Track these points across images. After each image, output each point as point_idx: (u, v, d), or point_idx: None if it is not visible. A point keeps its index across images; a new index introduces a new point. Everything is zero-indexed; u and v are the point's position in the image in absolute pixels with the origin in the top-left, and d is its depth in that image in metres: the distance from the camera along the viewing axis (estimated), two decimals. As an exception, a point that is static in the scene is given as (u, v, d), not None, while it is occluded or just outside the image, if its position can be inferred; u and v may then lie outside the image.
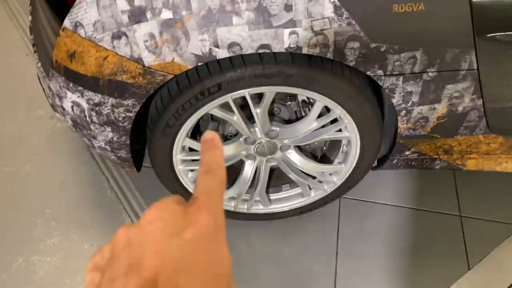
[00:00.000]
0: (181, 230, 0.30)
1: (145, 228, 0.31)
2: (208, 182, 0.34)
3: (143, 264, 0.28)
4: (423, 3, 1.01)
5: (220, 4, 0.98)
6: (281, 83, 1.11)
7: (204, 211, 0.31)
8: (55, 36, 1.14)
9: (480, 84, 1.15)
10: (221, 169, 0.35)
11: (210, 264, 0.30)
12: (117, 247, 0.31)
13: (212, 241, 0.31)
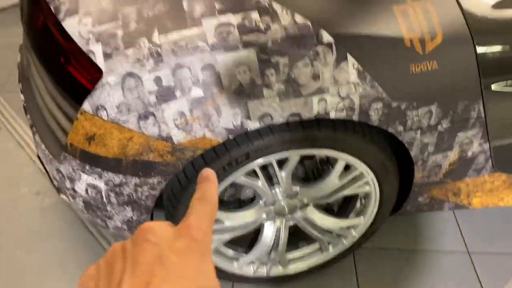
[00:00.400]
0: (172, 244, 0.33)
1: (139, 242, 0.33)
2: (200, 207, 0.37)
3: (135, 273, 0.31)
4: (435, 61, 1.07)
5: (251, 78, 0.99)
6: (307, 146, 1.13)
7: (194, 229, 0.34)
8: (69, 119, 1.10)
9: (487, 129, 1.22)
10: (214, 198, 0.38)
11: (197, 277, 0.32)
12: (112, 258, 0.33)
13: (199, 257, 0.33)
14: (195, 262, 0.33)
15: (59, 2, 1.08)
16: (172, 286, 0.31)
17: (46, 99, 1.22)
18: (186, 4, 1.02)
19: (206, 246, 0.34)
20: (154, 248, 0.33)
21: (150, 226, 0.34)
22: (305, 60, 1.00)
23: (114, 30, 1.00)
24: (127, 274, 0.32)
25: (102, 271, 0.33)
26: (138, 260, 0.32)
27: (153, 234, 0.34)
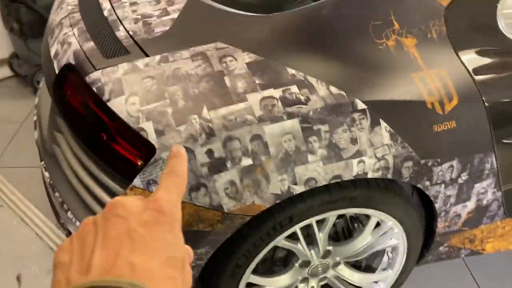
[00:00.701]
0: (140, 217, 0.35)
1: (108, 216, 0.35)
2: (169, 182, 0.39)
3: (106, 245, 0.33)
4: (454, 120, 1.18)
5: (296, 146, 1.06)
6: (345, 206, 1.19)
7: (162, 202, 0.36)
8: (112, 195, 1.13)
9: (499, 179, 1.33)
10: (183, 172, 0.40)
11: (165, 247, 0.34)
12: (84, 232, 0.35)
13: (167, 228, 0.35)
14: (163, 234, 0.35)
15: (102, 83, 1.13)
16: (140, 256, 0.32)
17: (82, 175, 1.24)
18: (228, 81, 1.10)
19: (174, 217, 0.36)
20: (123, 222, 0.34)
21: (119, 200, 0.36)
22: (344, 126, 1.08)
23: (163, 108, 1.06)
24: (98, 247, 0.33)
25: (75, 245, 0.35)
26: (108, 234, 0.34)
27: (122, 208, 0.36)
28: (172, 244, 0.35)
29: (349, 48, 1.18)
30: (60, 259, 0.35)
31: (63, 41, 1.33)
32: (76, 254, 0.34)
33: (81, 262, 0.33)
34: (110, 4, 1.44)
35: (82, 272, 0.33)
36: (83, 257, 0.34)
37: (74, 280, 0.32)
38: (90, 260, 0.33)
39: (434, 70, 1.18)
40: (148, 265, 0.33)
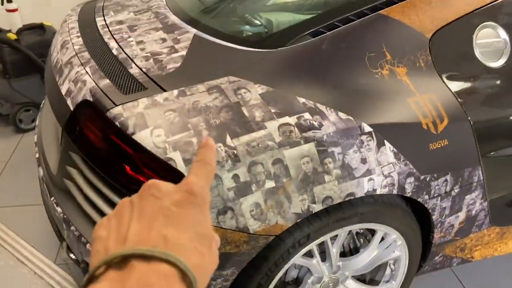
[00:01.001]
0: (172, 197, 0.38)
1: (144, 196, 0.39)
2: (199, 169, 0.42)
3: (141, 220, 0.36)
4: (446, 139, 1.32)
5: (313, 168, 1.15)
6: (356, 222, 1.28)
7: (193, 185, 0.39)
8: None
9: (485, 190, 1.47)
10: (212, 161, 0.43)
11: (195, 224, 0.37)
12: (121, 210, 0.39)
13: (197, 209, 0.38)
14: (193, 213, 0.37)
15: (124, 118, 1.19)
16: (172, 231, 0.35)
17: (103, 208, 1.28)
18: (246, 111, 1.19)
19: (203, 200, 0.39)
20: (157, 201, 0.38)
21: (154, 182, 0.40)
22: (354, 148, 1.19)
23: (189, 139, 1.13)
24: (134, 221, 0.36)
25: (112, 221, 0.38)
26: (143, 210, 0.37)
27: (156, 189, 0.39)
28: (202, 223, 0.38)
29: (349, 78, 1.30)
30: (98, 234, 0.38)
31: (76, 80, 1.38)
32: (113, 228, 0.37)
33: (118, 234, 0.36)
34: (117, 43, 1.52)
35: (119, 243, 0.35)
36: (120, 231, 0.36)
37: (112, 249, 0.35)
38: (127, 232, 0.36)
39: (425, 94, 1.32)
40: (179, 239, 0.35)
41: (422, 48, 1.38)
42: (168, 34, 1.55)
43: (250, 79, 1.28)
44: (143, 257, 0.34)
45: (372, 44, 1.35)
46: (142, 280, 0.33)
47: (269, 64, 1.33)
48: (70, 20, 1.81)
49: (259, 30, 1.58)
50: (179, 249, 0.35)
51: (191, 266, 0.35)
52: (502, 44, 1.46)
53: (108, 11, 1.83)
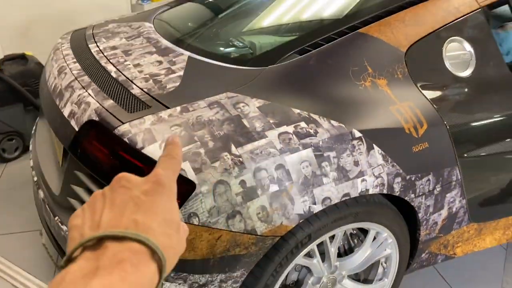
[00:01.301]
0: (141, 187, 0.41)
1: (115, 188, 0.42)
2: (166, 163, 0.45)
3: (113, 209, 0.40)
4: (426, 142, 1.45)
5: (312, 171, 1.26)
6: (351, 221, 1.39)
7: (160, 176, 0.43)
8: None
9: (463, 189, 1.61)
10: (178, 156, 0.47)
11: (163, 211, 0.41)
12: (94, 201, 0.42)
13: (164, 197, 0.41)
14: (162, 201, 0.41)
15: (132, 134, 1.27)
16: (141, 216, 0.39)
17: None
18: (247, 123, 1.29)
19: (170, 190, 0.43)
20: (127, 191, 0.41)
21: (124, 175, 0.43)
22: (347, 152, 1.30)
23: (196, 150, 1.22)
24: (106, 210, 0.39)
25: (86, 211, 0.41)
26: (115, 200, 0.40)
27: (127, 180, 0.42)
28: (169, 210, 0.41)
29: (336, 89, 1.43)
30: (74, 223, 0.40)
31: (80, 102, 1.45)
32: (87, 217, 0.40)
33: (92, 221, 0.39)
34: (115, 67, 1.60)
35: (93, 229, 0.39)
36: (93, 218, 0.40)
37: (86, 234, 0.38)
38: (100, 219, 0.39)
39: (405, 102, 1.46)
40: (149, 223, 0.39)
41: (399, 62, 1.52)
42: (163, 57, 1.64)
43: (247, 94, 1.38)
44: (116, 238, 0.37)
45: (355, 59, 1.49)
46: (115, 257, 0.36)
47: (263, 80, 1.44)
48: (63, 47, 1.88)
49: (245, 51, 1.70)
50: (148, 231, 0.38)
51: (161, 246, 0.38)
52: (468, 56, 1.62)
53: (99, 38, 1.91)
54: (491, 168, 1.68)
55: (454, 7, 1.64)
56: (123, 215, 0.39)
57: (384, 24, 1.57)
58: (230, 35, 1.92)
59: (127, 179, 0.43)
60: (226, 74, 1.50)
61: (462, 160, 1.55)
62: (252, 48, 1.70)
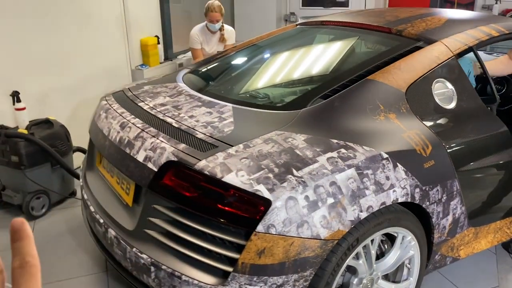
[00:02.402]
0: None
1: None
2: (24, 279, 0.35)
3: None
4: (433, 160, 1.84)
5: (357, 186, 1.60)
6: (386, 226, 1.72)
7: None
8: (235, 246, 1.52)
9: (462, 197, 1.99)
10: (35, 259, 0.35)
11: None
12: None
13: None
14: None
15: (211, 167, 1.58)
16: None
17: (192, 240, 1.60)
18: (299, 152, 1.63)
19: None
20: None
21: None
22: (380, 169, 1.67)
23: (266, 175, 1.54)
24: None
25: None
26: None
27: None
28: None
29: (360, 123, 1.81)
30: None
31: (154, 147, 1.75)
32: None
33: None
34: (173, 119, 1.93)
35: None
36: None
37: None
38: None
39: (412, 130, 1.86)
40: None
41: (401, 100, 1.94)
42: (210, 108, 1.99)
43: (292, 130, 1.74)
44: None
45: (368, 99, 1.89)
46: None
47: (301, 119, 1.81)
48: (113, 107, 2.19)
49: (279, 99, 2.08)
50: None
51: None
52: (451, 92, 2.07)
53: (144, 97, 2.24)
54: (480, 179, 2.08)
55: (435, 56, 2.10)
56: None
57: (386, 71, 2.00)
58: (260, 87, 2.31)
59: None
60: (269, 117, 1.86)
61: (459, 173, 1.94)
62: (284, 96, 2.08)
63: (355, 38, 2.61)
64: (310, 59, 2.57)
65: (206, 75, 2.63)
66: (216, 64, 2.75)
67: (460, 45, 2.17)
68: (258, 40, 2.89)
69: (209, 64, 2.74)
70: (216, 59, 2.80)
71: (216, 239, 1.59)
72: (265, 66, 2.57)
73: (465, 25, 2.34)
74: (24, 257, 0.35)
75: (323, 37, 2.83)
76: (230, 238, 1.54)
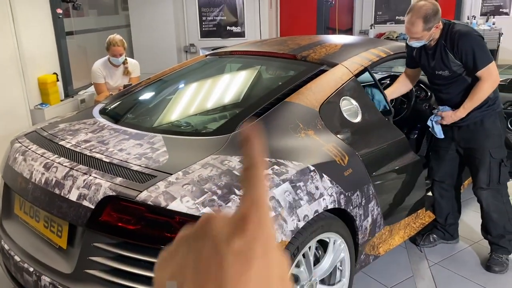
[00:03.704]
0: (230, 240, 0.32)
1: (199, 235, 0.34)
2: (252, 186, 0.35)
3: (196, 270, 0.32)
4: (350, 168, 2.06)
5: (293, 197, 1.74)
6: (320, 232, 1.88)
7: (250, 223, 0.33)
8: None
9: (377, 199, 2.24)
10: (262, 162, 0.35)
11: (267, 268, 0.32)
12: (177, 246, 0.36)
13: (259, 260, 0.32)
14: (254, 269, 0.31)
15: (154, 197, 1.60)
16: (244, 276, 0.30)
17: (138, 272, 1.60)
18: (237, 172, 1.73)
19: (269, 237, 0.33)
20: (212, 245, 0.32)
21: (210, 216, 0.35)
22: (309, 181, 1.82)
23: (210, 198, 1.61)
24: (188, 271, 0.32)
25: (170, 262, 0.35)
26: (199, 255, 0.33)
27: (211, 227, 0.34)
28: (266, 282, 0.32)
29: (286, 141, 1.97)
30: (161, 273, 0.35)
31: (88, 185, 1.72)
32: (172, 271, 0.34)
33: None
34: (102, 154, 1.90)
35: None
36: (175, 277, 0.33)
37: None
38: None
39: (330, 144, 2.07)
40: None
41: (316, 117, 2.15)
42: (139, 140, 2.00)
43: (226, 153, 1.83)
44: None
45: (289, 119, 2.07)
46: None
47: (232, 142, 1.91)
48: (31, 148, 2.08)
49: (207, 125, 2.17)
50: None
51: None
52: (355, 108, 2.34)
53: (63, 135, 2.17)
54: (388, 182, 2.36)
55: (338, 77, 2.37)
56: (207, 283, 0.31)
57: (300, 93, 2.21)
58: (184, 116, 2.37)
59: (211, 225, 0.34)
60: (201, 143, 1.94)
61: (373, 178, 2.19)
62: (210, 123, 2.17)
63: (265, 65, 2.81)
64: (227, 86, 2.70)
65: (124, 108, 2.61)
66: (133, 97, 2.75)
67: (358, 66, 2.47)
68: (171, 71, 2.95)
69: (125, 97, 2.73)
70: (132, 92, 2.80)
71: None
72: (183, 96, 2.64)
73: (358, 49, 2.66)
74: (254, 163, 0.35)
75: (234, 66, 3.00)
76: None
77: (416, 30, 2.37)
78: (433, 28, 2.35)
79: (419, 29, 2.35)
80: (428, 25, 2.34)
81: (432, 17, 2.34)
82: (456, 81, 2.46)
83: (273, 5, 6.08)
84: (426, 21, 2.33)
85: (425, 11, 2.33)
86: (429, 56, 2.50)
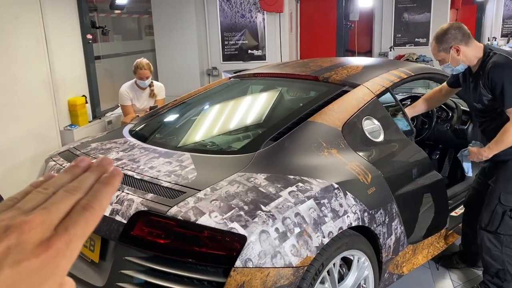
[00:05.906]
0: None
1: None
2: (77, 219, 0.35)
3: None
4: (374, 186, 2.09)
5: (317, 214, 1.78)
6: (344, 249, 1.91)
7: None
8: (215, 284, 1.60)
9: (400, 218, 2.26)
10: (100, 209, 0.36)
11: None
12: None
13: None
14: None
15: (184, 212, 1.67)
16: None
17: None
18: (262, 189, 1.79)
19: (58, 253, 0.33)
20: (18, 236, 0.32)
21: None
22: (333, 198, 1.86)
23: (238, 213, 1.67)
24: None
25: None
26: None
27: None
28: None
29: (310, 159, 2.02)
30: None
31: (120, 200, 1.80)
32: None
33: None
34: (133, 172, 1.99)
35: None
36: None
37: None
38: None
39: (353, 162, 2.11)
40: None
41: (339, 136, 2.20)
42: (169, 158, 2.08)
43: (252, 171, 1.89)
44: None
45: (312, 138, 2.12)
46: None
47: (257, 160, 1.97)
48: (66, 165, 2.18)
49: (232, 144, 2.24)
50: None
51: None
52: (378, 127, 2.38)
53: (95, 154, 2.27)
54: (411, 200, 2.38)
55: (361, 97, 2.42)
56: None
57: (322, 113, 2.26)
58: (211, 135, 2.46)
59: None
60: (228, 161, 2.01)
61: (396, 197, 2.21)
62: (236, 141, 2.25)
63: (287, 87, 2.89)
64: (250, 107, 2.78)
65: (152, 128, 2.71)
66: (161, 118, 2.85)
67: (379, 87, 2.52)
68: (196, 93, 3.05)
69: (153, 118, 2.84)
70: (159, 113, 2.91)
71: (194, 281, 1.65)
72: (208, 116, 2.73)
73: (380, 70, 2.72)
74: (92, 199, 0.36)
75: (256, 88, 3.08)
76: (208, 278, 1.62)
77: (433, 52, 2.42)
78: (452, 50, 2.35)
79: (435, 50, 2.39)
80: (442, 45, 2.32)
81: (443, 37, 2.31)
82: (490, 115, 2.32)
83: (293, 29, 6.21)
84: (438, 41, 2.34)
85: (437, 32, 2.37)
86: (467, 84, 2.41)
